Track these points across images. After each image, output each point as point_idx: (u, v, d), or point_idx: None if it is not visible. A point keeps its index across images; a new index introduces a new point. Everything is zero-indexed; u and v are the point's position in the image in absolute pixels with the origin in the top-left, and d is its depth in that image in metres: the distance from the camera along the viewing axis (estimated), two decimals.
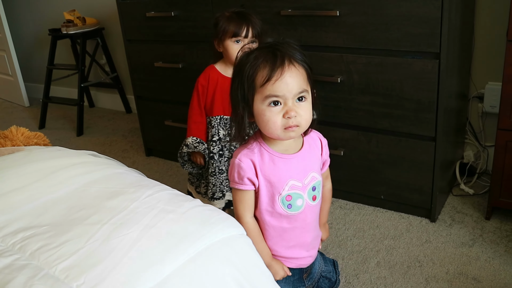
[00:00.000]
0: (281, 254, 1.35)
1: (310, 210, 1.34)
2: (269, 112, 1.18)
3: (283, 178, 1.27)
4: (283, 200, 1.28)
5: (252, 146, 1.27)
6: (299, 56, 1.20)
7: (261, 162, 1.26)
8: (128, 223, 1.07)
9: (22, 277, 0.92)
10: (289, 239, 1.34)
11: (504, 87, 1.82)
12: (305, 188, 1.30)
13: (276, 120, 1.18)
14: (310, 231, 1.37)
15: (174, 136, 2.73)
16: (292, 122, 1.18)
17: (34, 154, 1.44)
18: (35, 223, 1.12)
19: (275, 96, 1.16)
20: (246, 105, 1.22)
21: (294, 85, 1.17)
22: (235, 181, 1.27)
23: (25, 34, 4.49)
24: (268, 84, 1.16)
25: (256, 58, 1.18)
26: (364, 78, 1.99)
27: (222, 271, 1.00)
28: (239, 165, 1.25)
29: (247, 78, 1.19)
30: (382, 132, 2.05)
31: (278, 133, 1.20)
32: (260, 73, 1.17)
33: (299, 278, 1.41)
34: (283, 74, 1.16)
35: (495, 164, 1.93)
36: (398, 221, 2.10)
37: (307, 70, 1.22)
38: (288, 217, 1.30)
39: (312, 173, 1.32)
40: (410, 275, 1.78)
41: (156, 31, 2.57)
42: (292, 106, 1.17)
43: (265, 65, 1.17)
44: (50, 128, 3.79)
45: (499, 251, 1.86)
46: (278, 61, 1.16)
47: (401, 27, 1.84)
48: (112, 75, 3.81)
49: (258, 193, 1.28)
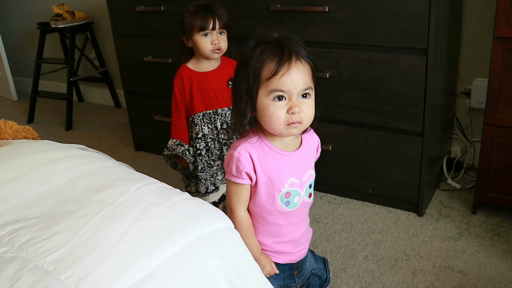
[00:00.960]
0: (271, 248, 1.35)
1: (305, 207, 1.34)
2: (273, 107, 1.18)
3: (283, 175, 1.26)
4: (282, 197, 1.27)
5: (252, 139, 1.26)
6: (305, 53, 1.20)
7: (262, 157, 1.25)
8: (117, 216, 1.08)
9: (11, 270, 0.92)
10: (283, 235, 1.34)
11: (491, 83, 1.84)
12: (303, 186, 1.30)
13: (279, 115, 1.18)
14: (302, 226, 1.38)
15: (163, 131, 2.72)
16: (295, 118, 1.17)
17: (23, 148, 1.43)
18: (24, 216, 1.12)
19: (280, 91, 1.16)
20: (250, 99, 1.21)
21: (300, 81, 1.17)
22: (232, 174, 1.26)
23: (13, 28, 4.46)
24: (274, 78, 1.15)
25: (262, 52, 1.17)
26: (352, 74, 2.00)
27: (210, 264, 1.01)
28: (238, 158, 1.24)
29: (252, 71, 1.18)
30: (370, 128, 2.06)
31: (280, 128, 1.19)
32: (267, 67, 1.16)
33: (289, 275, 1.41)
34: (290, 69, 1.15)
35: (482, 159, 1.95)
36: (385, 216, 2.12)
37: (312, 67, 1.21)
38: (285, 213, 1.30)
39: (309, 171, 1.32)
40: (397, 269, 1.79)
41: (145, 26, 2.57)
42: (297, 102, 1.17)
43: (272, 59, 1.16)
44: (38, 122, 3.77)
45: (485, 245, 1.88)
46: (286, 56, 1.16)
47: (389, 23, 1.85)
48: (101, 69, 3.80)
49: (256, 188, 1.27)
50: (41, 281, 0.89)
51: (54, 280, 0.89)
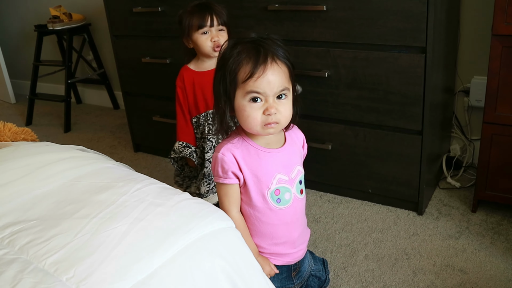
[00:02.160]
0: (268, 250, 1.35)
1: (297, 204, 1.35)
2: (249, 108, 1.19)
3: (270, 172, 1.27)
4: (272, 195, 1.28)
5: (235, 140, 1.28)
6: (282, 53, 1.21)
7: (247, 157, 1.26)
8: (117, 217, 1.07)
9: (12, 271, 0.92)
10: (278, 236, 1.34)
11: (489, 82, 1.84)
12: (292, 182, 1.31)
13: (256, 116, 1.19)
14: (298, 226, 1.38)
15: (162, 132, 2.72)
16: (271, 119, 1.19)
17: (22, 149, 1.43)
18: (24, 217, 1.12)
19: (256, 93, 1.18)
20: (228, 99, 1.22)
21: (276, 83, 1.18)
22: (219, 176, 1.28)
23: (10, 30, 4.45)
24: (250, 80, 1.17)
25: (239, 53, 1.19)
26: (351, 73, 2.00)
27: (211, 264, 1.01)
28: (222, 159, 1.25)
29: (229, 72, 1.19)
30: (369, 126, 2.06)
31: (257, 129, 1.21)
32: (243, 69, 1.18)
33: (287, 276, 1.41)
34: (266, 72, 1.17)
35: (481, 157, 1.95)
36: (385, 214, 2.12)
37: (289, 68, 1.23)
38: (278, 212, 1.30)
39: (297, 166, 1.33)
40: (397, 268, 1.79)
41: (143, 27, 2.56)
42: (273, 103, 1.19)
43: (248, 61, 1.17)
44: (37, 124, 3.77)
45: (485, 243, 1.88)
46: (261, 57, 1.17)
47: (387, 21, 1.85)
48: (99, 71, 3.79)
49: (246, 188, 1.28)
50: (42, 283, 0.89)
51: (55, 282, 0.89)
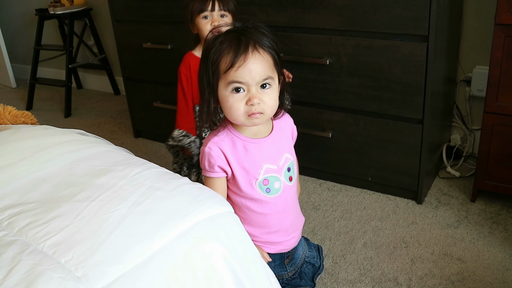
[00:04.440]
0: (261, 239, 1.34)
1: (288, 191, 1.33)
2: (232, 98, 1.18)
3: (257, 163, 1.26)
4: (260, 185, 1.27)
5: (222, 133, 1.26)
6: (266, 42, 1.19)
7: (233, 150, 1.25)
8: (116, 200, 1.07)
9: (10, 253, 0.92)
10: (271, 226, 1.33)
11: (491, 71, 1.83)
12: (280, 170, 1.30)
13: (239, 107, 1.18)
14: (290, 214, 1.37)
15: (162, 118, 2.72)
16: (255, 109, 1.17)
17: (22, 132, 1.43)
18: (23, 200, 1.12)
19: (237, 83, 1.16)
20: (212, 90, 1.21)
21: (258, 72, 1.16)
22: (206, 169, 1.27)
23: (11, 14, 4.43)
24: (231, 70, 1.15)
25: (221, 43, 1.17)
26: (352, 61, 1.99)
27: (210, 248, 1.01)
28: (209, 153, 1.25)
29: (211, 63, 1.18)
30: (370, 115, 2.06)
31: (241, 119, 1.20)
32: (224, 59, 1.16)
33: (280, 263, 1.40)
34: (246, 61, 1.15)
35: (481, 147, 1.95)
36: (385, 203, 2.12)
37: (273, 57, 1.20)
38: (269, 202, 1.29)
39: (285, 154, 1.32)
40: (396, 256, 1.80)
41: (144, 12, 2.55)
42: (256, 93, 1.17)
43: (229, 50, 1.16)
44: (37, 109, 3.76)
45: (484, 233, 1.88)
46: (242, 47, 1.15)
47: (390, 9, 1.84)
48: (100, 56, 3.78)
49: (236, 181, 1.27)
50: (41, 264, 0.89)
51: (53, 264, 0.89)
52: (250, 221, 1.32)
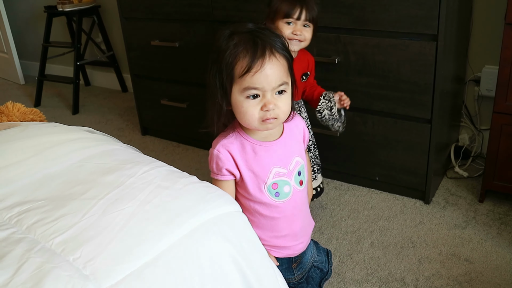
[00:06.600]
0: (269, 243, 1.32)
1: (298, 196, 1.30)
2: (246, 104, 1.15)
3: (266, 167, 1.24)
4: (269, 189, 1.25)
5: (231, 136, 1.24)
6: (280, 45, 1.16)
7: (242, 153, 1.23)
8: (124, 199, 1.07)
9: (19, 250, 0.93)
10: (279, 229, 1.31)
11: (501, 71, 1.82)
12: (291, 174, 1.27)
13: (253, 113, 1.15)
14: (300, 218, 1.35)
15: (170, 115, 2.72)
16: (270, 115, 1.15)
17: (30, 130, 1.43)
18: (31, 197, 1.12)
19: (254, 89, 1.13)
20: (224, 93, 1.17)
21: (274, 77, 1.13)
22: (214, 172, 1.25)
23: (20, 11, 4.44)
24: (247, 75, 1.12)
25: (235, 46, 1.13)
26: (361, 59, 1.98)
27: (218, 247, 1.01)
28: (217, 156, 1.22)
29: (226, 66, 1.14)
30: (378, 114, 2.05)
31: (255, 124, 1.17)
32: (240, 63, 1.13)
33: (287, 267, 1.38)
34: (263, 66, 1.11)
35: (490, 147, 1.94)
36: (392, 203, 2.12)
37: (288, 60, 1.17)
38: (278, 206, 1.27)
39: (295, 158, 1.29)
40: (403, 256, 1.79)
41: (153, 9, 2.55)
42: (271, 99, 1.14)
43: (245, 54, 1.12)
44: (45, 106, 3.78)
45: (492, 233, 1.88)
46: (259, 51, 1.12)
47: (399, 8, 1.83)
48: (108, 53, 3.79)
49: (244, 184, 1.26)
50: (49, 262, 0.89)
51: (62, 261, 0.89)
52: (258, 224, 1.30)
